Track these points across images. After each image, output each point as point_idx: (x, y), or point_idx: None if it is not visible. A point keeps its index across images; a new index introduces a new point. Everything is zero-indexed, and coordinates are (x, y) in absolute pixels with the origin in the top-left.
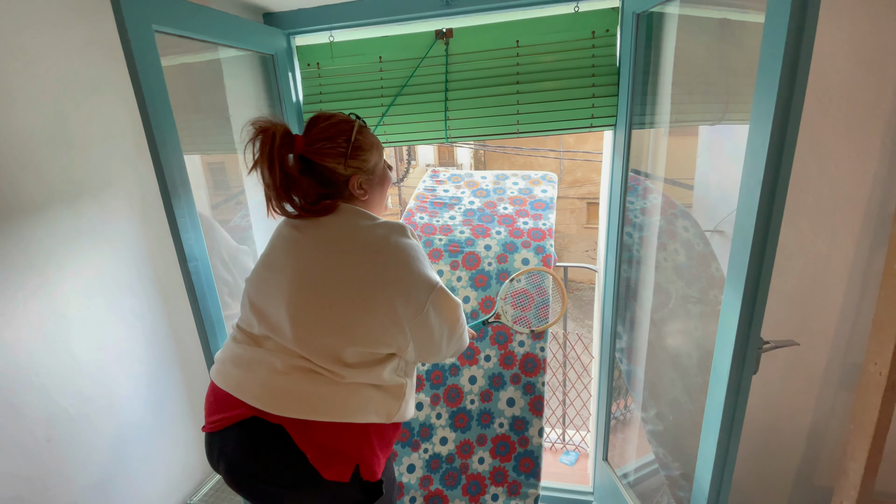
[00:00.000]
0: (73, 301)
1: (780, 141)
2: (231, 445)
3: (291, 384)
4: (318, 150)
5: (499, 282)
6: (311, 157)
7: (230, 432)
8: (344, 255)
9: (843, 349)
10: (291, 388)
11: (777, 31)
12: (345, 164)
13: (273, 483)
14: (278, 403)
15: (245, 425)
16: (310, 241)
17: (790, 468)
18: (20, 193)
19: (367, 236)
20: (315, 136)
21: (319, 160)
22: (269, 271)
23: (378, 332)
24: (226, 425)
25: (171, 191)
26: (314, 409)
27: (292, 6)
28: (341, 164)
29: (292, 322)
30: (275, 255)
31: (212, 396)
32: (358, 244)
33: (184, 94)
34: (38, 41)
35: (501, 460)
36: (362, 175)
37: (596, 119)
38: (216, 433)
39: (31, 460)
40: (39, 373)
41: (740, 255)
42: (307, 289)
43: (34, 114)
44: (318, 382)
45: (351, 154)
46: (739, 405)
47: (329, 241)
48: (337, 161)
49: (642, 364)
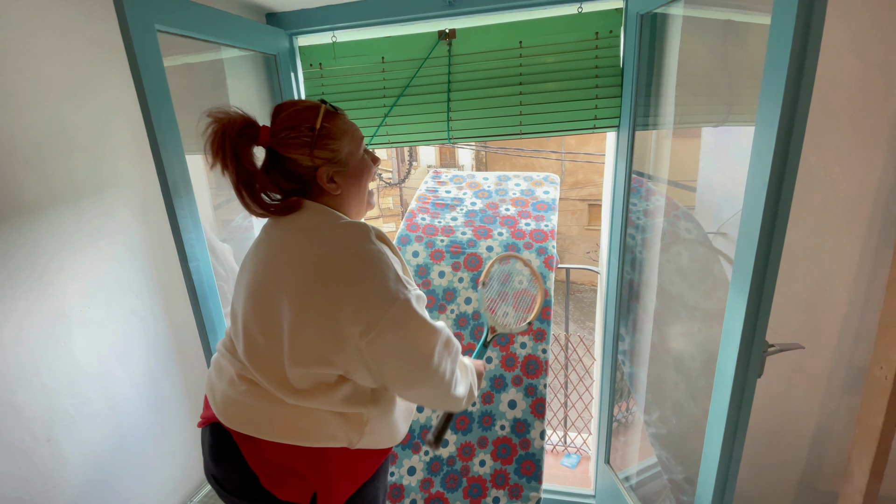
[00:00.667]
0: (75, 301)
1: (785, 143)
2: (205, 445)
3: (242, 398)
4: (282, 140)
5: (500, 283)
6: (275, 148)
7: (206, 432)
8: (294, 259)
9: (848, 352)
10: (242, 401)
11: (783, 32)
12: (310, 154)
13: (233, 493)
14: (230, 415)
15: (213, 429)
16: (270, 243)
17: (794, 472)
18: (22, 193)
19: (321, 239)
20: (278, 126)
21: (283, 151)
22: (241, 273)
23: (321, 349)
24: (205, 424)
25: (172, 191)
26: (261, 427)
27: (295, 6)
28: (306, 154)
29: (243, 333)
30: (246, 258)
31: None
32: (311, 247)
33: (186, 94)
34: (41, 41)
35: (503, 463)
36: (332, 167)
37: (599, 120)
38: (204, 429)
39: (31, 460)
40: (40, 373)
41: (745, 257)
42: (255, 297)
43: (37, 113)
44: (265, 398)
45: (317, 143)
46: (744, 408)
47: (284, 244)
48: (301, 151)
49: (645, 366)
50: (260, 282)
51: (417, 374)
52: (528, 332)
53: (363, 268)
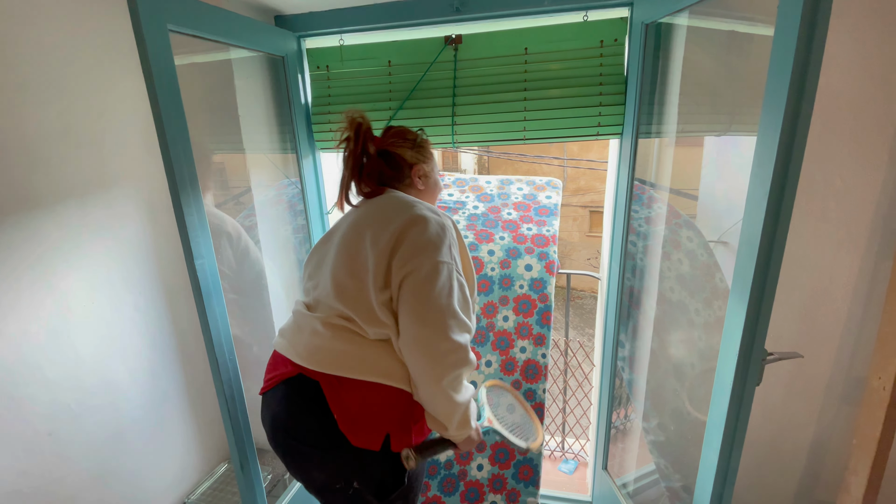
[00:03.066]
0: (79, 296)
1: (787, 152)
2: (276, 401)
3: (328, 342)
4: (392, 143)
5: (501, 287)
6: (386, 147)
7: (277, 389)
8: (377, 216)
9: (846, 362)
10: (328, 345)
11: (786, 43)
12: (411, 152)
13: (305, 442)
14: (315, 359)
15: (289, 382)
16: (359, 214)
17: (791, 482)
18: (30, 189)
19: (410, 205)
20: (390, 137)
21: (392, 148)
22: (323, 244)
23: (383, 275)
24: (275, 383)
25: (180, 189)
26: (345, 365)
27: (303, 9)
28: (408, 151)
29: (332, 281)
30: (331, 232)
31: (272, 361)
32: (399, 209)
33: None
34: (53, 38)
35: (500, 467)
36: (423, 168)
37: (602, 127)
38: (269, 392)
39: (31, 454)
40: (43, 366)
41: (746, 265)
42: (345, 250)
43: (46, 109)
44: (351, 341)
45: (416, 148)
46: (742, 416)
47: (372, 211)
48: (404, 149)
49: (644, 373)
50: (349, 238)
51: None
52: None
53: (428, 231)
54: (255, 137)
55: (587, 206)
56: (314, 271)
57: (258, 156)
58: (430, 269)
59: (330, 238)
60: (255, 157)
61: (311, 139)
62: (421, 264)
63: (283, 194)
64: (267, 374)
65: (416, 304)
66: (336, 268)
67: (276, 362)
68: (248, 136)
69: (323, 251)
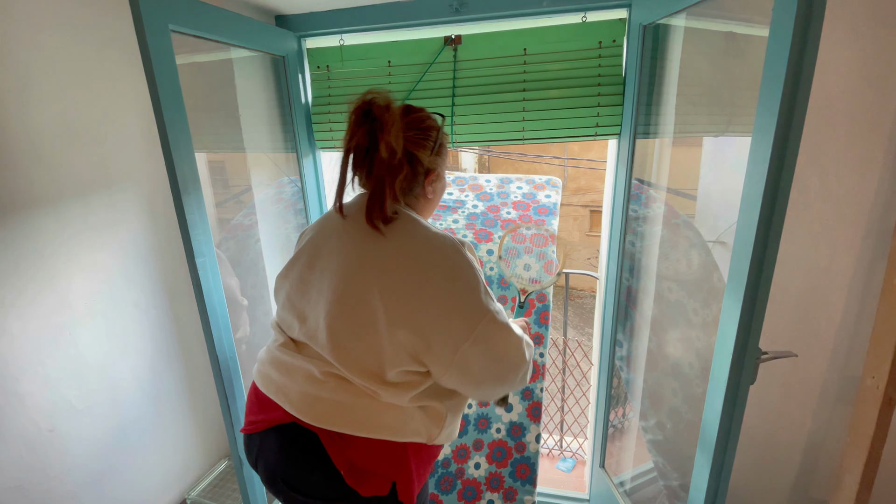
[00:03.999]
0: (81, 294)
1: (781, 154)
2: (270, 450)
3: (327, 393)
4: (413, 139)
5: (500, 287)
6: (407, 147)
7: (269, 436)
8: (389, 264)
9: (841, 362)
10: (327, 397)
11: (780, 44)
12: (430, 156)
13: (310, 495)
14: (314, 413)
15: (283, 431)
16: (355, 245)
17: (786, 480)
18: (32, 187)
19: (417, 246)
20: (411, 122)
21: (410, 147)
22: (312, 273)
23: (415, 350)
24: (264, 427)
25: (181, 188)
26: (349, 422)
27: (304, 9)
28: (427, 154)
29: (329, 336)
30: (318, 256)
31: (254, 397)
32: (407, 254)
33: (195, 92)
34: (55, 38)
35: (498, 466)
36: (440, 172)
37: (601, 128)
38: (255, 434)
39: (33, 450)
40: (45, 363)
41: (740, 265)
42: (345, 300)
43: (49, 109)
44: (354, 394)
45: (437, 149)
46: (737, 415)
47: (376, 249)
48: (424, 151)
49: (642, 373)
50: (350, 285)
51: (505, 376)
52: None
53: (458, 279)
54: (255, 137)
55: (587, 206)
56: (297, 300)
57: (258, 155)
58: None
59: (321, 269)
60: (255, 156)
61: (311, 138)
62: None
63: (282, 193)
64: (251, 415)
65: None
66: (333, 319)
67: (261, 403)
68: (249, 135)
69: (312, 282)
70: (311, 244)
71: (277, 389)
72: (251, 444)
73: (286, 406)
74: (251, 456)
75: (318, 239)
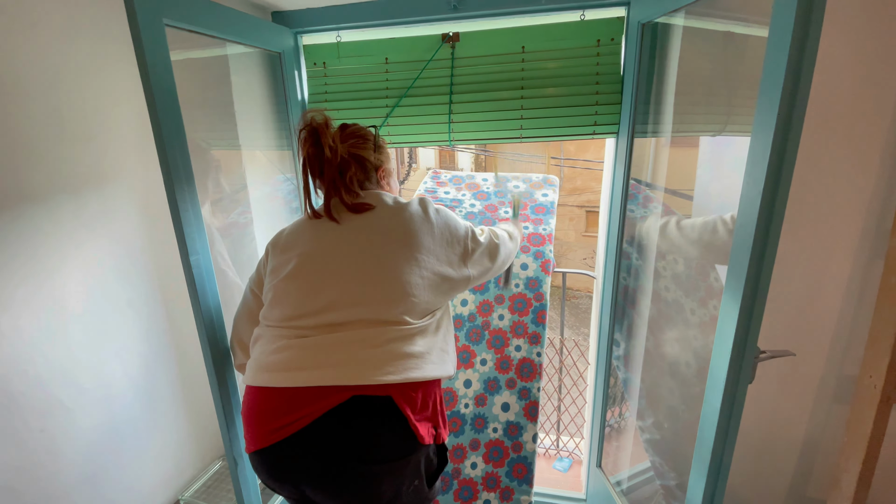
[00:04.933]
0: (73, 291)
1: (780, 153)
2: (330, 436)
3: (389, 353)
4: (354, 144)
5: (497, 286)
6: (351, 150)
7: (320, 425)
8: (394, 224)
9: (838, 361)
10: (390, 355)
11: (780, 43)
12: (375, 155)
13: (379, 459)
14: (385, 371)
15: (344, 409)
16: (355, 228)
17: (784, 479)
18: (24, 183)
19: (412, 208)
20: (349, 137)
21: (356, 150)
22: (327, 267)
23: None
24: (310, 421)
25: (175, 185)
26: (415, 367)
27: (301, 5)
28: (371, 154)
29: (361, 293)
30: (329, 256)
31: (266, 404)
32: (404, 214)
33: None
34: (47, 31)
35: (494, 466)
36: (388, 167)
37: (599, 126)
38: (294, 435)
39: (23, 450)
40: (36, 362)
41: (739, 264)
42: (367, 261)
43: (40, 103)
44: (404, 341)
45: (377, 149)
46: (735, 414)
47: (375, 221)
48: (368, 151)
49: (639, 372)
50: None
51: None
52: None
53: (447, 218)
54: (250, 134)
55: (583, 206)
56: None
57: (254, 152)
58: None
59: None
60: (250, 153)
61: None
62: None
63: (278, 191)
64: (275, 419)
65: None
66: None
67: (290, 401)
68: (244, 132)
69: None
70: (313, 251)
71: (326, 373)
72: (287, 448)
73: (353, 379)
74: (286, 463)
75: (321, 246)
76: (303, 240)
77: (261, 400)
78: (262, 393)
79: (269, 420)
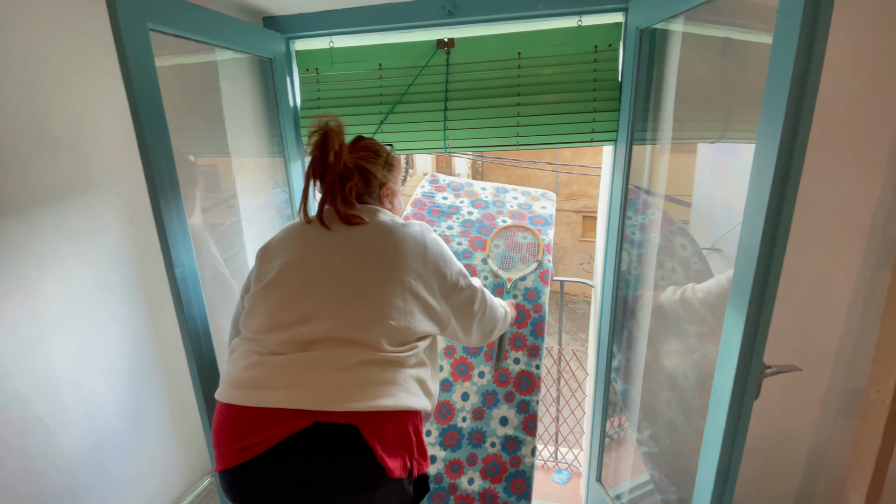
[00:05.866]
0: (54, 304)
1: (786, 162)
2: (291, 461)
3: (358, 378)
4: (364, 157)
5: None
6: (359, 161)
7: (283, 449)
8: (392, 248)
9: (843, 374)
10: (360, 380)
11: (785, 51)
12: (383, 171)
13: (339, 491)
14: (353, 397)
15: (306, 435)
16: (353, 242)
17: (788, 495)
18: (4, 194)
19: (406, 230)
20: (360, 148)
21: (363, 163)
22: (312, 279)
23: (428, 302)
24: (271, 445)
25: (159, 194)
26: (386, 395)
27: (292, 10)
28: (380, 170)
29: (358, 315)
30: (314, 263)
31: (234, 422)
32: (401, 237)
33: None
34: (27, 37)
35: (492, 482)
36: (393, 187)
37: (597, 133)
38: (258, 457)
39: (2, 469)
40: (14, 378)
41: (744, 277)
42: (363, 282)
43: (20, 111)
44: (381, 368)
45: (387, 167)
46: (740, 430)
47: (372, 240)
48: (377, 166)
49: (638, 383)
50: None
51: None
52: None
53: (443, 249)
54: (241, 141)
55: (580, 212)
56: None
57: (244, 160)
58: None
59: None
60: (241, 160)
61: (299, 143)
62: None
63: (270, 199)
64: (239, 440)
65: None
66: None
67: (252, 424)
68: (234, 139)
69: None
70: (299, 256)
71: (293, 395)
72: (250, 470)
73: (316, 405)
74: (244, 488)
75: (308, 251)
76: (289, 246)
77: (228, 418)
78: (230, 411)
79: (234, 440)
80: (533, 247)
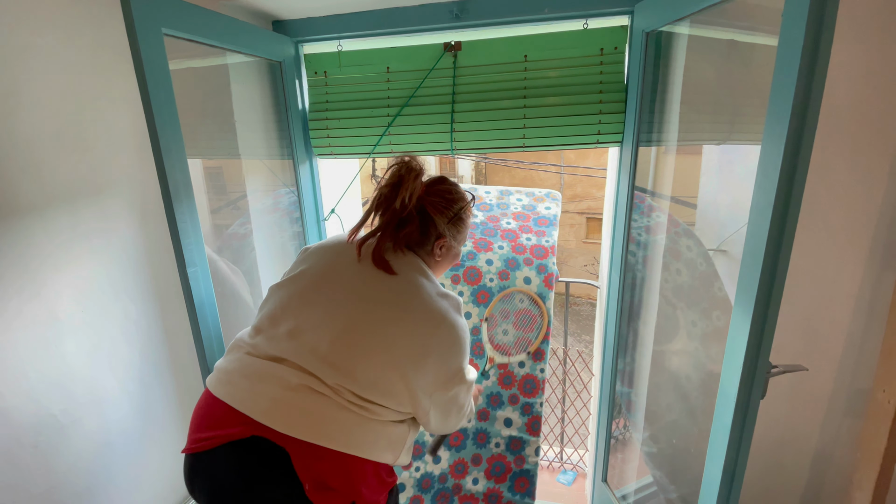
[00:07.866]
0: (68, 304)
1: (792, 163)
2: (222, 468)
3: (301, 402)
4: (433, 203)
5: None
6: (426, 205)
7: (221, 452)
8: (403, 311)
9: (849, 374)
10: (302, 406)
11: (791, 52)
12: (447, 225)
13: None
14: (288, 421)
15: (242, 445)
16: (374, 284)
17: (794, 494)
18: (19, 194)
19: (430, 302)
20: (434, 190)
21: (429, 208)
22: (319, 295)
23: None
24: (217, 444)
25: (173, 195)
26: (322, 433)
27: (302, 14)
28: (444, 222)
29: (337, 355)
30: (328, 281)
31: (203, 410)
32: (420, 306)
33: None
34: (45, 41)
35: (496, 482)
36: (451, 242)
37: (602, 135)
38: (203, 453)
39: (16, 467)
40: (30, 377)
41: (750, 277)
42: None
43: (38, 114)
44: (327, 405)
45: (454, 221)
46: (746, 430)
47: (393, 292)
48: (442, 217)
49: (644, 384)
50: (368, 322)
51: (456, 419)
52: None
53: (454, 343)
54: (251, 143)
55: (584, 213)
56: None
57: (254, 162)
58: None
59: (320, 288)
60: (250, 163)
61: (308, 145)
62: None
63: (279, 201)
64: (199, 431)
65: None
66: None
67: (215, 418)
68: (244, 141)
69: (310, 299)
70: (321, 268)
71: (244, 398)
72: (195, 464)
73: (255, 414)
74: (193, 479)
75: (330, 267)
76: (319, 256)
77: (202, 404)
78: (206, 397)
79: (197, 428)
80: (536, 325)
